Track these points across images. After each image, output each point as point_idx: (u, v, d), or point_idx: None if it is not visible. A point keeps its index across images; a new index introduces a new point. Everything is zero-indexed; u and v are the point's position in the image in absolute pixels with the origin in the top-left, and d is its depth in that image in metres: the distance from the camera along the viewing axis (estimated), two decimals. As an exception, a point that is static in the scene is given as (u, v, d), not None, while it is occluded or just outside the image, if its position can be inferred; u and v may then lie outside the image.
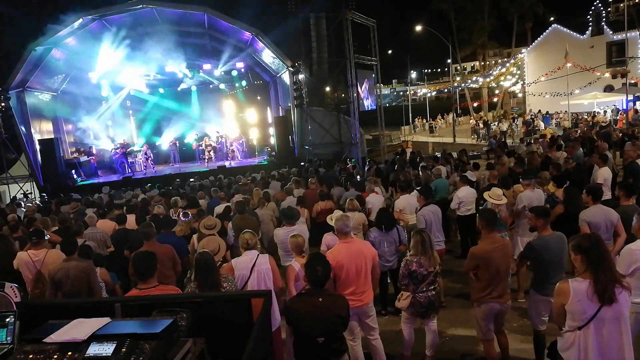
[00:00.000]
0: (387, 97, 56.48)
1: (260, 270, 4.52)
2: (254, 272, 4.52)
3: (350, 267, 4.40)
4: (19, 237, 7.31)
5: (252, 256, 4.61)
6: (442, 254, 6.33)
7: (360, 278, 4.45)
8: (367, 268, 4.49)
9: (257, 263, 4.54)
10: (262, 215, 8.28)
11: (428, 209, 6.61)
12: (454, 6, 39.99)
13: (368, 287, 4.54)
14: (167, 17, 19.01)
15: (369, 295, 4.55)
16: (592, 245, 3.08)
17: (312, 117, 20.14)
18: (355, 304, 4.27)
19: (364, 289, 4.49)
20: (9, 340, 2.23)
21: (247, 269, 4.53)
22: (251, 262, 4.55)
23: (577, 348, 3.07)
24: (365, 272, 4.47)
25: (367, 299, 4.53)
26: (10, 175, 19.31)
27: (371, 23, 21.33)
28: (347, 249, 4.48)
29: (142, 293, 3.42)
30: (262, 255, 4.66)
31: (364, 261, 4.48)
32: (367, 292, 4.53)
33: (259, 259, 4.58)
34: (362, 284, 4.47)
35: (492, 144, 18.31)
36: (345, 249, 4.49)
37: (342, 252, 4.45)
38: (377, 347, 4.69)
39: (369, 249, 4.69)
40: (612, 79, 29.71)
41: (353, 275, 4.41)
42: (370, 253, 4.60)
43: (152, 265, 3.58)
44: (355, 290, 4.42)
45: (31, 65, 17.52)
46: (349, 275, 4.40)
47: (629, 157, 9.25)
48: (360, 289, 4.45)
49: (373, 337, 4.68)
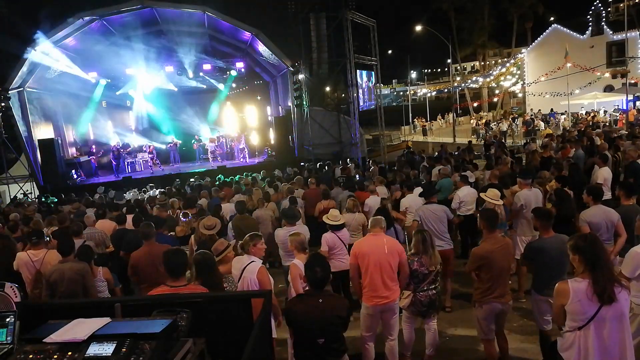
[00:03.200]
0: (387, 97, 56.40)
1: (246, 277, 4.39)
2: (242, 278, 4.45)
3: (372, 257, 4.56)
4: (19, 237, 7.30)
5: (245, 261, 4.52)
6: (449, 256, 6.27)
7: (387, 272, 4.55)
8: (390, 263, 4.57)
9: (247, 269, 4.41)
10: (261, 216, 8.28)
11: (427, 207, 6.58)
12: (454, 6, 39.99)
13: (396, 282, 4.61)
14: (167, 17, 19.02)
15: (395, 292, 4.62)
16: (589, 245, 3.08)
17: (312, 117, 20.15)
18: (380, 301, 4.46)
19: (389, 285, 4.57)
20: (9, 340, 2.22)
21: (238, 271, 4.49)
22: (242, 266, 4.48)
23: (577, 348, 3.06)
24: (389, 267, 4.56)
25: (393, 296, 4.59)
26: (10, 175, 19.32)
27: (371, 23, 21.34)
28: (373, 240, 4.75)
29: (173, 290, 3.39)
30: (256, 263, 4.45)
31: (391, 256, 4.58)
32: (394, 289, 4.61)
33: (250, 266, 4.42)
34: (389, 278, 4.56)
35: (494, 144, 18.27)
36: (371, 239, 4.79)
37: (366, 241, 4.82)
38: (393, 348, 4.73)
39: (395, 244, 4.77)
40: (612, 79, 29.70)
41: (373, 268, 4.53)
42: (396, 249, 4.68)
43: (184, 263, 3.59)
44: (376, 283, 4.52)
45: (31, 66, 17.53)
46: (369, 266, 4.54)
47: (629, 157, 9.23)
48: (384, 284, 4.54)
49: (391, 338, 4.72)
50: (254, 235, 4.70)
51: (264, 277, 4.32)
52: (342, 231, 6.14)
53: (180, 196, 10.93)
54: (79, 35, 18.20)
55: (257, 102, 24.62)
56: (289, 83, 19.68)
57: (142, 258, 5.24)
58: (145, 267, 5.18)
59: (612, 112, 26.05)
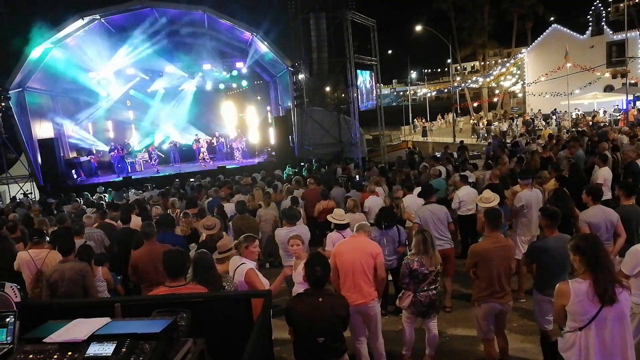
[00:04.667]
0: (387, 97, 56.37)
1: (235, 279, 4.35)
2: (233, 279, 4.43)
3: (348, 258, 4.60)
4: (18, 237, 7.30)
5: (237, 262, 4.50)
6: (449, 255, 6.28)
7: (359, 273, 4.53)
8: (363, 264, 4.56)
9: (236, 272, 4.39)
10: (264, 215, 8.28)
11: (426, 208, 6.58)
12: (454, 6, 39.97)
13: (370, 284, 4.58)
14: (167, 17, 19.01)
15: (366, 295, 4.56)
16: (590, 246, 3.08)
17: (312, 117, 20.14)
18: (354, 301, 4.36)
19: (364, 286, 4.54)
20: (9, 340, 2.23)
21: (231, 271, 4.48)
22: (234, 267, 4.47)
23: (578, 348, 3.06)
24: (361, 269, 4.54)
25: (363, 298, 4.53)
26: (10, 175, 19.31)
27: (371, 23, 21.34)
28: (351, 241, 4.86)
29: (172, 291, 3.40)
30: (245, 265, 4.41)
31: (364, 257, 4.56)
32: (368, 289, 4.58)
33: (239, 268, 4.39)
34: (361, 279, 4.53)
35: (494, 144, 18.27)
36: (350, 240, 4.91)
37: (345, 242, 4.92)
38: (360, 350, 4.67)
39: (372, 246, 4.77)
40: (612, 79, 29.70)
41: (346, 268, 4.56)
42: (371, 251, 4.66)
43: (184, 264, 3.61)
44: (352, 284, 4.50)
45: (31, 66, 17.52)
46: (345, 266, 4.57)
47: (627, 157, 9.23)
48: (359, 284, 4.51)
49: (360, 340, 4.67)
50: (249, 236, 4.68)
51: (251, 280, 4.25)
52: (346, 231, 6.13)
53: (180, 196, 10.92)
54: (79, 35, 18.19)
55: (257, 102, 24.60)
56: (289, 83, 19.66)
57: (142, 258, 5.23)
58: (145, 267, 5.17)
59: (612, 112, 26.05)
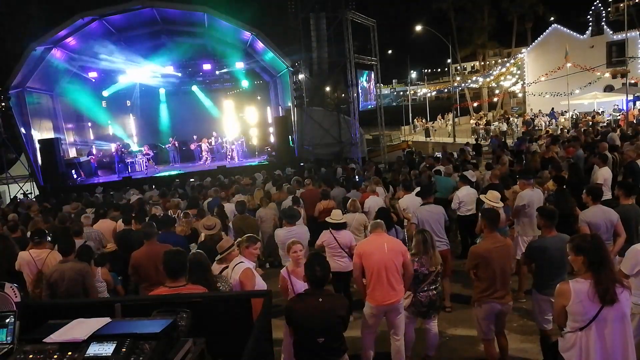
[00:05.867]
0: (387, 97, 56.40)
1: (232, 277, 4.36)
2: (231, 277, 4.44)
3: (375, 257, 4.56)
4: (18, 237, 7.29)
5: (236, 261, 4.50)
6: (446, 255, 6.26)
7: (391, 271, 4.54)
8: (395, 263, 4.56)
9: (234, 270, 4.39)
10: (264, 215, 8.28)
11: (424, 208, 6.57)
12: (454, 6, 39.98)
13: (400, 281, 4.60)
14: (167, 17, 19.00)
15: (399, 292, 4.60)
16: (593, 246, 3.07)
17: (312, 117, 20.13)
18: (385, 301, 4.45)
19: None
20: (9, 340, 2.23)
21: (230, 269, 4.47)
22: (233, 265, 4.47)
23: (578, 349, 3.06)
24: (393, 267, 4.55)
25: (397, 296, 4.57)
26: (10, 175, 19.31)
27: (371, 23, 21.33)
28: (376, 240, 4.77)
29: (172, 291, 3.40)
30: (243, 264, 4.40)
31: (395, 255, 4.57)
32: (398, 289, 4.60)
33: (237, 266, 4.39)
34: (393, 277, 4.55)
35: (494, 144, 18.29)
36: (375, 239, 4.81)
37: (369, 241, 4.85)
38: (399, 348, 4.70)
39: (399, 244, 4.77)
40: (612, 79, 29.67)
41: (377, 267, 4.52)
42: (400, 249, 4.67)
43: (184, 264, 3.60)
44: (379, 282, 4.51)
45: (31, 65, 17.51)
46: (373, 266, 4.54)
47: (627, 157, 9.24)
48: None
49: (397, 338, 4.70)
50: (252, 237, 4.67)
51: (246, 279, 4.24)
52: (340, 232, 6.10)
53: (180, 196, 10.92)
54: (79, 35, 18.18)
55: (257, 102, 24.59)
56: (289, 83, 19.66)
57: (142, 258, 5.23)
58: (145, 267, 5.17)
59: (612, 112, 26.05)
